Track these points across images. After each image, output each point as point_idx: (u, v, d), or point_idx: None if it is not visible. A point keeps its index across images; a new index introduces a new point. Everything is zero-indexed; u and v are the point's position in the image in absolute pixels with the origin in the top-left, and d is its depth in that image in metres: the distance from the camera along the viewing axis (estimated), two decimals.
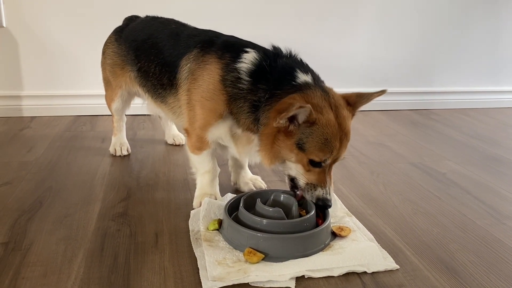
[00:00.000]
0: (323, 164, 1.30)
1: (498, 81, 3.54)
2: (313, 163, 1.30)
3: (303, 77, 1.33)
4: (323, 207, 1.34)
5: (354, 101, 1.37)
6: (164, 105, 1.68)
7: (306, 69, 1.38)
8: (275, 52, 1.41)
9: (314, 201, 1.34)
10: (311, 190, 1.33)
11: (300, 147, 1.28)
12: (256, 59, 1.37)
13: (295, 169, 1.34)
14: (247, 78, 1.36)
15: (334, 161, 1.33)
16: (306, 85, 1.31)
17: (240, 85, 1.36)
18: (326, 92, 1.32)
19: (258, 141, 1.37)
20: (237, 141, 1.45)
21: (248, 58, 1.38)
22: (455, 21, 3.27)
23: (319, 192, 1.33)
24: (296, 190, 1.39)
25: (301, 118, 1.24)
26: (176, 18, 1.90)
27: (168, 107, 1.65)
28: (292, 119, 1.25)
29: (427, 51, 3.29)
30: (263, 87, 1.33)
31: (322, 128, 1.25)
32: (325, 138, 1.26)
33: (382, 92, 1.39)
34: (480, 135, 2.69)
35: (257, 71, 1.36)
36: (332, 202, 1.36)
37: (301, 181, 1.34)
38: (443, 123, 2.96)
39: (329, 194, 1.34)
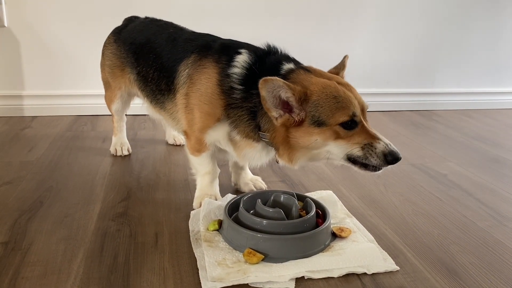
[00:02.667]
0: (357, 120, 1.23)
1: (500, 82, 3.53)
2: (347, 126, 1.22)
3: (285, 67, 1.34)
4: (394, 161, 1.21)
5: (336, 73, 1.42)
6: (163, 111, 1.67)
7: (289, 59, 1.38)
8: (264, 52, 1.40)
9: (383, 161, 1.21)
10: (371, 150, 1.21)
11: (319, 123, 1.22)
12: (247, 62, 1.37)
13: (335, 148, 1.24)
14: (240, 87, 1.35)
15: (363, 112, 1.27)
16: (289, 71, 1.32)
17: (235, 95, 1.36)
18: (308, 70, 1.33)
19: (274, 149, 1.35)
20: (236, 146, 1.45)
21: (240, 62, 1.37)
22: (456, 22, 3.26)
23: (380, 146, 1.21)
24: (370, 167, 1.25)
25: (291, 98, 1.21)
26: (178, 19, 1.91)
27: (167, 113, 1.64)
28: (289, 108, 1.24)
29: (428, 52, 3.29)
30: (256, 92, 1.31)
31: (322, 92, 1.22)
32: (334, 96, 1.22)
33: (345, 56, 1.49)
34: (482, 136, 2.68)
35: (248, 76, 1.35)
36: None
37: (355, 150, 1.23)
38: (444, 124, 2.95)
39: (390, 144, 1.22)
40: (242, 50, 1.40)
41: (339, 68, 1.46)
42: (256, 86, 1.27)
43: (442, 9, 3.20)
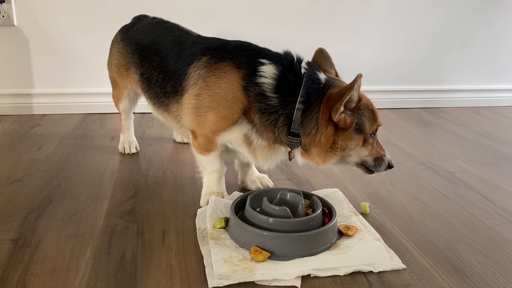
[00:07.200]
0: (376, 130, 1.43)
1: (509, 79, 3.50)
2: (372, 135, 1.41)
3: (322, 76, 1.40)
4: (390, 168, 1.46)
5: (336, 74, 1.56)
6: (167, 114, 1.66)
7: (317, 68, 1.43)
8: (289, 60, 1.41)
9: (386, 169, 1.45)
10: (381, 163, 1.44)
11: (359, 130, 1.37)
12: (276, 74, 1.38)
13: (358, 153, 1.42)
14: (273, 95, 1.37)
15: None
16: (328, 80, 1.39)
17: (268, 101, 1.37)
18: (336, 78, 1.46)
19: (311, 149, 1.39)
20: (255, 149, 1.46)
21: (268, 73, 1.38)
22: (465, 19, 3.23)
23: (386, 159, 1.44)
24: (371, 171, 1.47)
25: (353, 99, 1.32)
26: (185, 18, 1.91)
27: (172, 116, 1.63)
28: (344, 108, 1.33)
29: (437, 49, 3.26)
30: (291, 99, 1.35)
31: (367, 103, 1.38)
32: (371, 109, 1.39)
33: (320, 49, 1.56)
34: (491, 134, 2.66)
35: (280, 85, 1.37)
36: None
37: (369, 161, 1.43)
38: (453, 122, 2.93)
39: (388, 154, 1.47)
40: (264, 61, 1.40)
41: (331, 68, 1.57)
42: (290, 94, 1.35)
43: (451, 6, 3.17)
